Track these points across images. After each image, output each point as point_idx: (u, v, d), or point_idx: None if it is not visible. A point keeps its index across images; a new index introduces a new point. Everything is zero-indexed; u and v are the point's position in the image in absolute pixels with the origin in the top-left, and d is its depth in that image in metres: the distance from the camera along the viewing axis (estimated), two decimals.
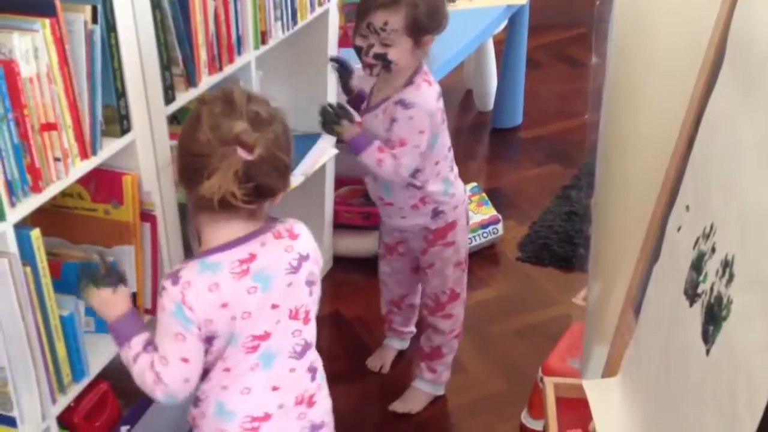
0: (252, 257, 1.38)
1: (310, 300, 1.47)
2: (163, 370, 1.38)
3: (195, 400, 1.46)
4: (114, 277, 1.46)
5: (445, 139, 2.06)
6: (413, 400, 2.28)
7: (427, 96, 1.96)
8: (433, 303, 2.21)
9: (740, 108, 1.17)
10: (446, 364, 2.28)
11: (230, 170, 1.30)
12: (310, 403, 1.50)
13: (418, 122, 1.93)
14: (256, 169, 1.33)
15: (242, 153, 1.31)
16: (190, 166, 1.35)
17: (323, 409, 1.53)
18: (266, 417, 1.44)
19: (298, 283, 1.44)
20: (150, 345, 1.41)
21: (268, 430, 1.45)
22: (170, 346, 1.37)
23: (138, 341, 1.42)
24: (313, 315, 1.48)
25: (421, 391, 2.28)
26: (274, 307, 1.41)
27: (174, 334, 1.36)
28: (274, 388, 1.45)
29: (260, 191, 1.35)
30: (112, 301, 1.45)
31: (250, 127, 1.32)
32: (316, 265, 1.48)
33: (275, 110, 1.38)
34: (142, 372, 1.40)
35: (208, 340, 1.38)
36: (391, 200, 2.10)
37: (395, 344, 2.42)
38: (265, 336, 1.41)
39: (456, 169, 2.13)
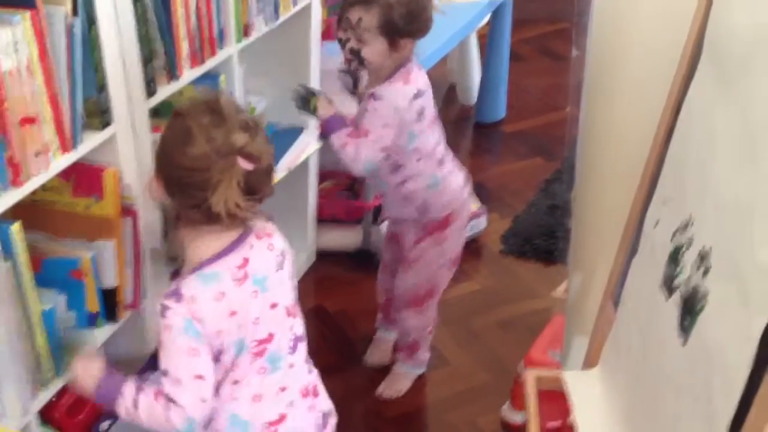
0: (246, 261, 1.37)
1: (294, 294, 1.48)
2: (178, 393, 1.32)
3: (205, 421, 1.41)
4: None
5: (430, 137, 2.02)
6: (398, 383, 2.30)
7: (399, 92, 1.93)
8: (411, 296, 2.20)
9: (717, 102, 1.19)
10: (424, 349, 2.31)
11: (233, 181, 1.29)
12: (315, 393, 1.51)
13: (382, 116, 1.92)
14: (256, 177, 1.32)
15: (244, 164, 1.30)
16: (183, 180, 1.32)
17: (325, 396, 1.55)
18: (282, 418, 1.44)
19: (285, 279, 1.44)
20: (142, 385, 1.37)
21: (286, 431, 1.45)
22: (183, 365, 1.32)
23: (128, 388, 1.37)
24: (298, 308, 1.49)
25: (404, 374, 2.31)
26: (273, 306, 1.41)
27: (186, 350, 1.31)
28: (282, 389, 1.44)
29: (260, 198, 1.36)
30: (84, 368, 1.41)
31: (249, 137, 1.31)
32: (291, 260, 1.49)
33: (255, 115, 1.40)
34: (149, 408, 1.34)
35: (216, 356, 1.35)
36: (383, 191, 2.13)
37: (389, 336, 2.42)
38: (269, 338, 1.40)
39: (450, 166, 2.09)
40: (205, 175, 1.29)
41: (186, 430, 1.34)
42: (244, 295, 1.36)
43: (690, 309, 1.13)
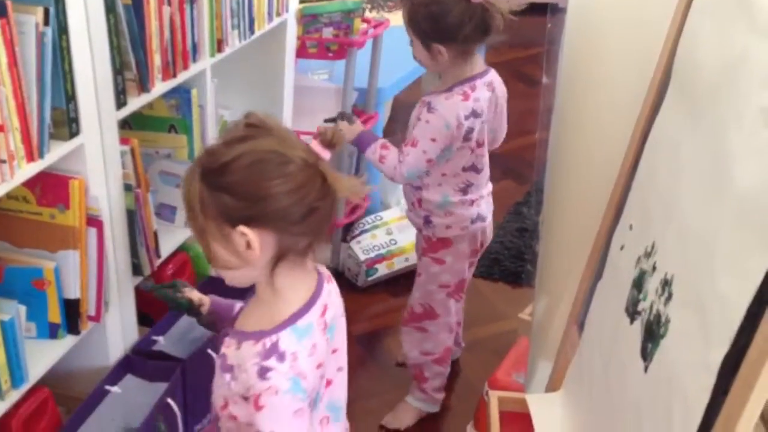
0: (325, 309, 1.27)
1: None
2: None
3: None
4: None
5: (463, 159, 1.98)
6: (403, 416, 2.27)
7: (453, 107, 1.91)
8: (408, 312, 2.20)
9: (683, 131, 1.20)
10: (436, 387, 2.27)
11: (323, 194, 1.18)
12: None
13: (432, 128, 1.91)
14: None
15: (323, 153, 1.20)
16: (286, 210, 1.17)
17: None
18: None
19: (343, 325, 1.35)
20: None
21: None
22: (291, 427, 1.20)
23: None
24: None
25: (411, 407, 2.28)
26: (333, 352, 1.31)
27: (294, 412, 1.20)
28: None
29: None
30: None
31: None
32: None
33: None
34: None
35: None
36: (404, 191, 2.14)
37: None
38: (328, 384, 1.31)
39: (471, 197, 2.04)
40: (304, 198, 1.16)
41: None
42: (325, 346, 1.26)
43: (652, 335, 1.14)
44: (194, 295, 1.58)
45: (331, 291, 1.31)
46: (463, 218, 2.06)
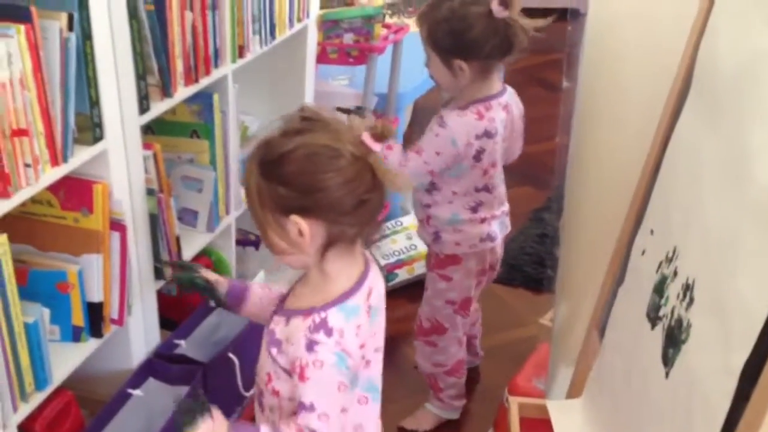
0: (371, 291, 1.33)
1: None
2: (324, 427, 1.25)
3: None
4: (200, 405, 1.30)
5: (476, 179, 1.96)
6: (422, 420, 2.27)
7: (464, 125, 1.88)
8: (417, 326, 2.20)
9: (704, 134, 1.20)
10: (452, 396, 2.26)
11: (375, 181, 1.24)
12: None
13: (439, 142, 1.89)
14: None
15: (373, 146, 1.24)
16: (337, 202, 1.22)
17: None
18: None
19: (384, 308, 1.40)
20: (276, 426, 1.28)
21: None
22: (334, 401, 1.27)
23: None
24: None
25: (431, 413, 2.28)
26: (373, 335, 1.36)
27: (338, 385, 1.26)
28: (378, 419, 1.43)
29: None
30: (214, 428, 1.29)
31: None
32: None
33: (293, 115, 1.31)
34: None
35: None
36: (414, 209, 2.12)
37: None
38: (367, 364, 1.35)
39: (482, 216, 2.01)
40: (354, 186, 1.22)
41: None
42: (368, 327, 1.32)
43: (673, 340, 1.14)
44: (210, 275, 1.59)
45: (376, 275, 1.35)
46: (471, 236, 2.03)
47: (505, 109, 1.96)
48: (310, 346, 1.24)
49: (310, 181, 1.22)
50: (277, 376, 1.31)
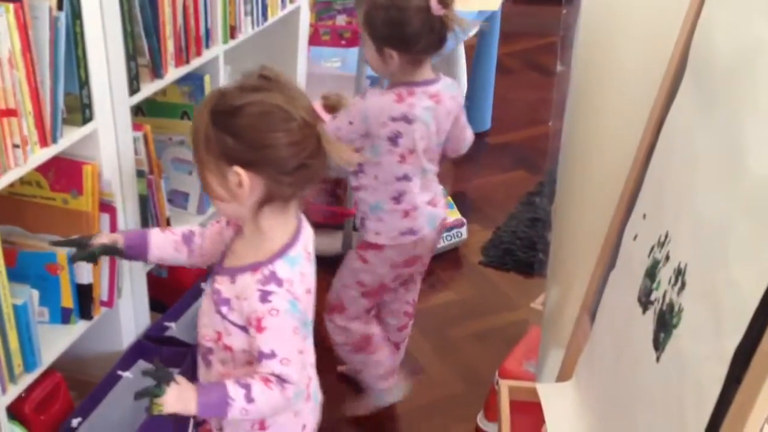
0: (307, 243, 1.42)
1: None
2: (289, 371, 1.33)
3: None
4: (163, 372, 1.35)
5: (394, 167, 1.94)
6: (361, 404, 2.27)
7: (378, 104, 1.89)
8: (327, 299, 2.16)
9: (698, 120, 1.19)
10: (375, 377, 2.21)
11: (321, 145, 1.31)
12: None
13: (353, 112, 1.88)
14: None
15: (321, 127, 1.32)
16: (280, 161, 1.29)
17: None
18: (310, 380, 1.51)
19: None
20: (241, 380, 1.34)
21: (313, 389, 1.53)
22: (291, 345, 1.34)
23: (234, 390, 1.32)
24: None
25: (366, 394, 2.28)
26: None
27: (293, 329, 1.34)
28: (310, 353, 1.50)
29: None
30: (179, 394, 1.33)
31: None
32: None
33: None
34: (266, 397, 1.33)
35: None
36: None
37: None
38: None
39: (404, 208, 1.99)
40: (302, 148, 1.30)
41: (296, 399, 1.38)
42: (312, 272, 1.43)
43: (665, 324, 1.14)
44: (104, 238, 1.54)
45: (309, 232, 1.45)
46: (391, 228, 2.01)
47: (433, 98, 1.93)
48: (264, 297, 1.32)
49: (258, 137, 1.28)
50: (228, 332, 1.38)
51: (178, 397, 1.33)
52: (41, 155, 1.46)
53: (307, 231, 1.44)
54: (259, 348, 1.33)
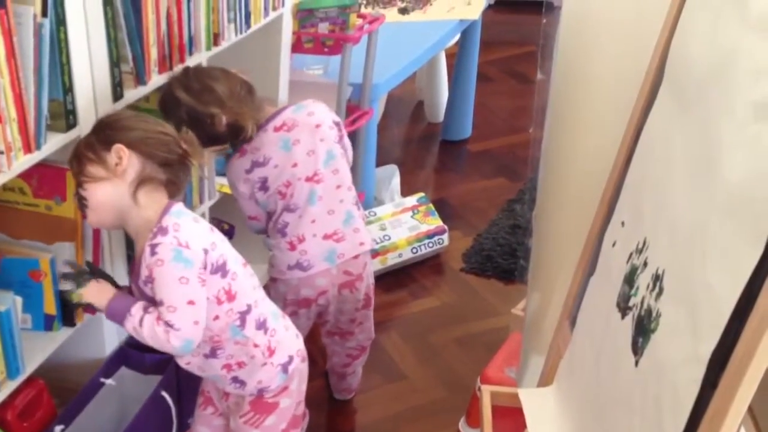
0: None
1: None
2: (174, 318, 1.45)
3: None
4: (88, 273, 1.54)
5: (276, 202, 1.92)
6: None
7: (232, 170, 1.95)
8: None
9: (675, 127, 1.22)
10: None
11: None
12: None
13: (237, 194, 1.96)
14: None
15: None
16: (152, 142, 1.53)
17: None
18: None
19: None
20: (149, 307, 1.48)
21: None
22: (176, 293, 1.45)
23: (136, 308, 1.48)
24: None
25: None
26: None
27: (178, 278, 1.44)
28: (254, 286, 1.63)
29: None
30: (99, 290, 1.52)
31: None
32: None
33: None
34: (151, 329, 1.46)
35: (222, 268, 1.51)
36: None
37: None
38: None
39: (290, 238, 1.93)
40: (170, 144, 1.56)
41: (184, 349, 1.48)
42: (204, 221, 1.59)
43: (643, 329, 1.16)
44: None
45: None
46: (280, 261, 1.96)
47: (283, 128, 1.91)
48: (152, 250, 1.44)
49: (133, 123, 1.52)
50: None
51: (97, 292, 1.52)
52: (25, 161, 1.46)
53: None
54: (155, 296, 1.47)
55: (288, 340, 1.64)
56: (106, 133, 1.50)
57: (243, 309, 1.55)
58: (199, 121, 1.78)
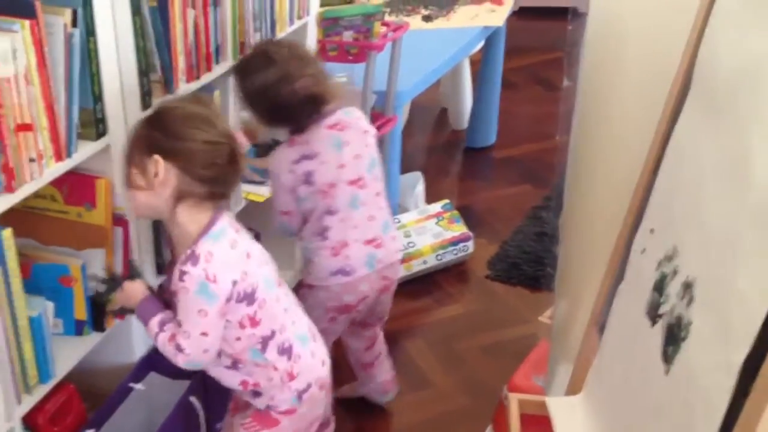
0: (231, 220, 1.57)
1: None
2: (186, 343, 1.50)
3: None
4: (120, 278, 1.60)
5: (315, 203, 1.91)
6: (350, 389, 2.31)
7: (279, 158, 1.92)
8: None
9: (704, 133, 1.21)
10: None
11: None
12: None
13: (276, 185, 1.94)
14: None
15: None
16: (196, 155, 1.51)
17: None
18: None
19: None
20: (165, 324, 1.53)
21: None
22: (193, 323, 1.48)
23: (154, 322, 1.53)
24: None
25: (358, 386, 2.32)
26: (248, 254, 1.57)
27: (197, 311, 1.48)
28: (285, 309, 1.64)
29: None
30: (131, 291, 1.57)
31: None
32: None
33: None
34: (163, 345, 1.52)
35: (251, 295, 1.52)
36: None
37: None
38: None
39: (331, 243, 1.92)
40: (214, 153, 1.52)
41: (188, 366, 1.55)
42: (248, 241, 1.57)
43: (673, 338, 1.15)
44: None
45: (232, 221, 1.58)
46: (321, 268, 1.94)
47: (333, 127, 1.92)
48: (181, 275, 1.47)
49: (179, 130, 1.48)
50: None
51: (129, 294, 1.57)
52: (56, 169, 1.48)
53: (228, 215, 1.56)
54: (177, 312, 1.51)
55: (312, 367, 1.64)
56: (155, 135, 1.48)
57: (266, 334, 1.56)
58: (285, 82, 1.81)
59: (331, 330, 2.00)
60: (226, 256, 1.49)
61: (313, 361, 1.64)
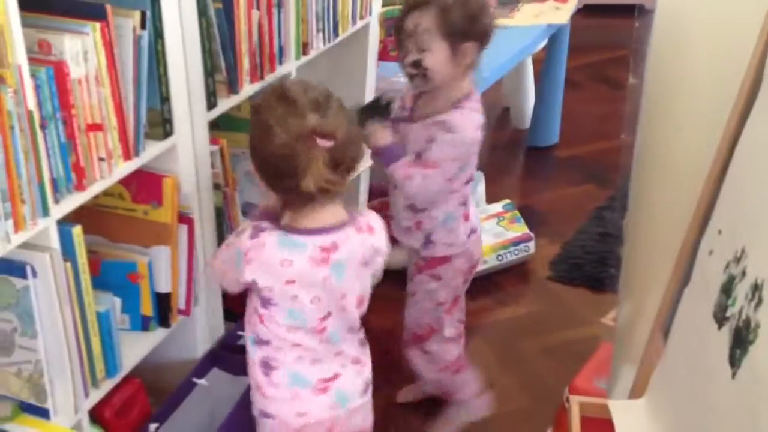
0: (334, 246, 1.46)
1: (369, 286, 1.57)
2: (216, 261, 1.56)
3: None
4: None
5: (467, 173, 1.91)
6: (444, 427, 2.23)
7: (473, 123, 1.83)
8: (409, 335, 2.13)
9: None
10: (464, 391, 2.20)
11: (319, 161, 1.38)
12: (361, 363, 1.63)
13: (455, 149, 1.81)
14: (338, 151, 1.40)
15: (323, 142, 1.38)
16: (273, 170, 1.43)
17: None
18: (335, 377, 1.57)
19: (366, 274, 1.54)
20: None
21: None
22: (221, 262, 1.52)
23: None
24: (367, 299, 1.58)
25: (450, 418, 2.23)
26: (342, 297, 1.50)
27: (222, 261, 1.50)
28: (338, 353, 1.56)
29: (349, 167, 1.45)
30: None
31: (320, 116, 1.39)
32: (383, 257, 1.58)
33: (323, 88, 1.47)
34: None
35: (265, 302, 1.47)
36: (392, 213, 2.02)
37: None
38: (328, 316, 1.50)
39: (466, 209, 1.97)
40: (291, 161, 1.38)
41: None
42: (314, 277, 1.45)
43: (741, 341, 1.12)
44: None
45: (356, 239, 1.49)
46: (461, 234, 1.98)
47: (475, 110, 1.90)
48: (240, 231, 1.48)
49: (256, 148, 1.46)
50: None
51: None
52: (124, 168, 1.52)
53: (353, 240, 1.48)
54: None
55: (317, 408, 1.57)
56: (254, 133, 1.46)
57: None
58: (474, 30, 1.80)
59: (462, 298, 2.09)
60: (266, 259, 1.45)
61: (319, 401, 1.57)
